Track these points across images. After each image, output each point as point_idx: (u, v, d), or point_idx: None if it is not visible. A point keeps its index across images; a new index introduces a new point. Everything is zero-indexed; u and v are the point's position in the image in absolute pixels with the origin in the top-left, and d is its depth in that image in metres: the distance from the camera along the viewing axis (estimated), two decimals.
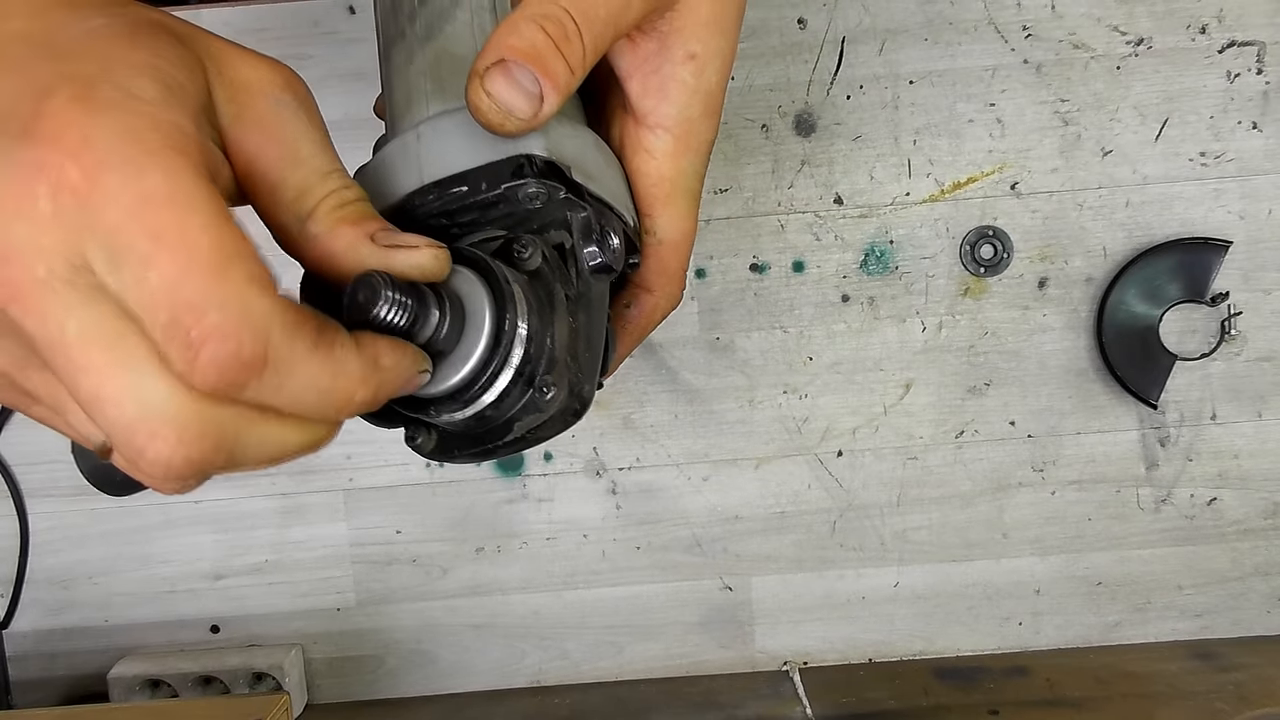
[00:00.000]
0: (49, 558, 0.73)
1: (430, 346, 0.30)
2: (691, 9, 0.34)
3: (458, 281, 0.30)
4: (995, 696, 0.68)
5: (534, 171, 0.31)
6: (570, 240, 0.32)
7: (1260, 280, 0.70)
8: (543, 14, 0.30)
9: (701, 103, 0.35)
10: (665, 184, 0.36)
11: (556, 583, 0.73)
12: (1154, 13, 0.68)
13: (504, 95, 0.30)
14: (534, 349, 0.30)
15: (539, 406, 0.31)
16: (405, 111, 0.34)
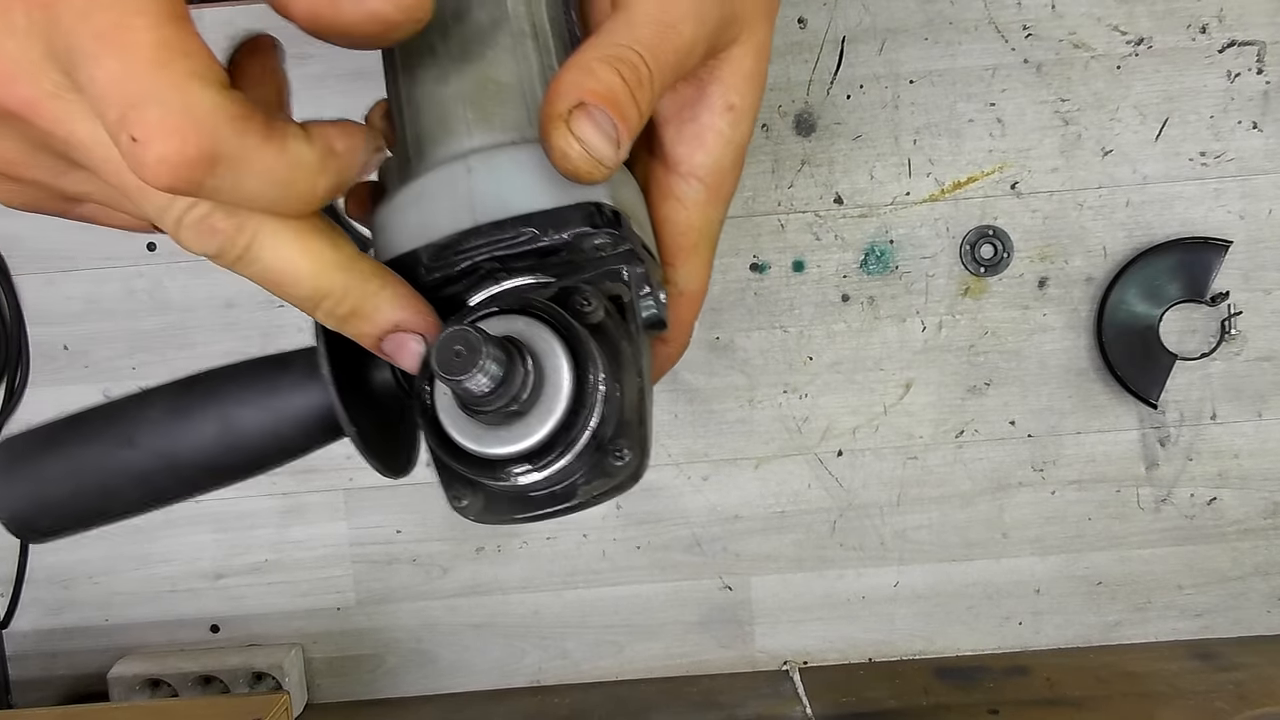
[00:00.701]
0: (49, 557, 0.73)
1: (509, 406, 0.28)
2: (737, 60, 0.33)
3: (534, 338, 0.29)
4: (995, 696, 0.68)
5: (603, 221, 0.30)
6: (628, 293, 0.31)
7: (1260, 280, 0.70)
8: (617, 56, 0.29)
9: (734, 154, 0.34)
10: (693, 234, 0.35)
11: (556, 582, 0.73)
12: (1154, 12, 0.68)
13: (595, 142, 0.28)
14: (608, 410, 0.28)
15: (608, 471, 0.29)
16: (440, 137, 0.32)
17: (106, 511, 0.32)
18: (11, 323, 0.71)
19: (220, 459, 0.32)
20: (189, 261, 0.71)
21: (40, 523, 0.32)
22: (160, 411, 0.32)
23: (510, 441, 0.28)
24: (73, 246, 0.71)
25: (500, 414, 0.28)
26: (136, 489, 0.32)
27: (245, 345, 0.72)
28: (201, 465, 0.32)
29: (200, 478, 0.32)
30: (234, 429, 0.32)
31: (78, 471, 0.31)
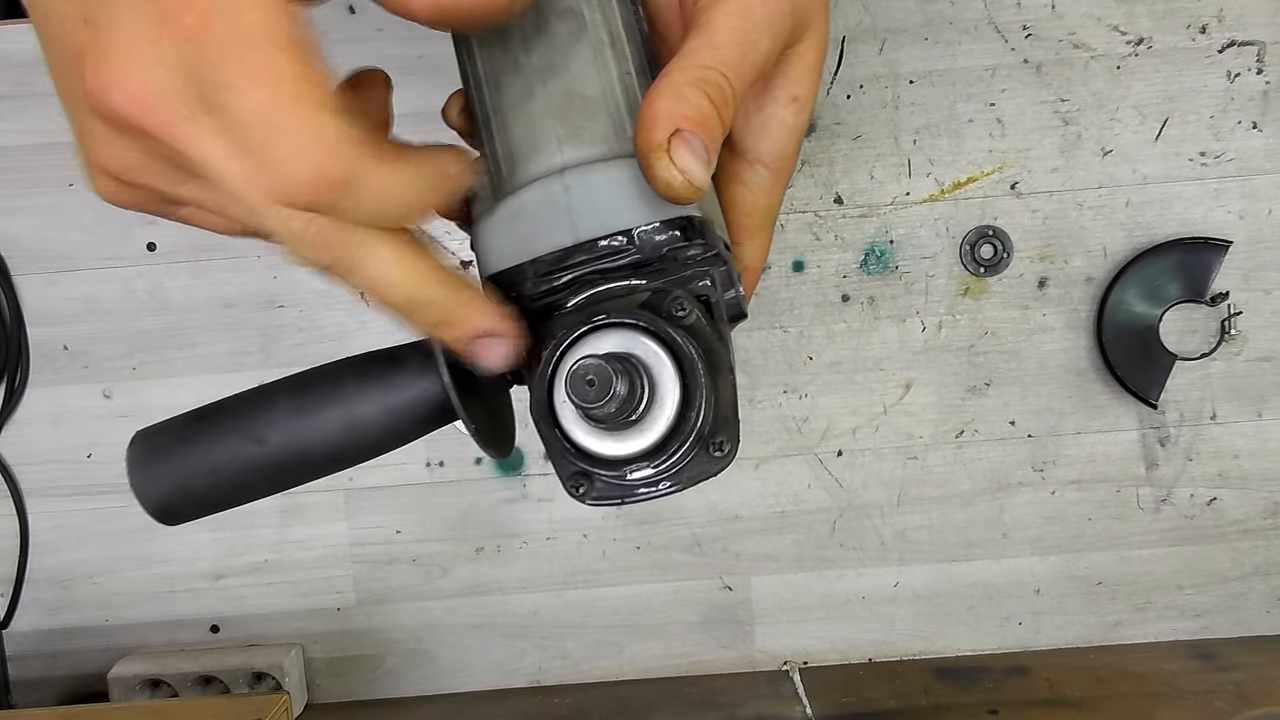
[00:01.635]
0: (49, 558, 0.73)
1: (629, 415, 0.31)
2: (801, 55, 0.35)
3: (640, 349, 0.32)
4: (995, 696, 0.68)
5: (695, 233, 0.32)
6: (715, 293, 0.33)
7: (1260, 280, 0.70)
8: (704, 79, 0.31)
9: (797, 141, 0.36)
10: (758, 215, 0.37)
11: (556, 582, 0.73)
12: (1154, 12, 0.68)
13: (694, 169, 0.30)
14: (709, 410, 0.31)
15: (709, 462, 0.32)
16: (530, 152, 0.34)
17: (238, 499, 0.36)
18: (11, 323, 0.71)
19: (342, 449, 0.35)
20: (188, 262, 0.71)
21: (182, 510, 0.35)
22: (285, 410, 0.35)
23: (628, 445, 0.32)
24: (73, 247, 0.71)
25: (618, 423, 0.31)
26: (266, 479, 0.35)
27: (245, 345, 0.72)
28: (326, 455, 0.35)
29: (324, 465, 0.35)
30: (355, 421, 0.34)
31: (213, 466, 0.34)
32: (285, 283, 0.71)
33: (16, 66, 0.69)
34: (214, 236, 0.75)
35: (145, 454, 0.35)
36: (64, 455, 0.72)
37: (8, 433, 0.72)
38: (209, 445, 0.35)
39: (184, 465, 0.35)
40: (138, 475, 0.34)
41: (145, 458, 0.35)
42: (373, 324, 0.71)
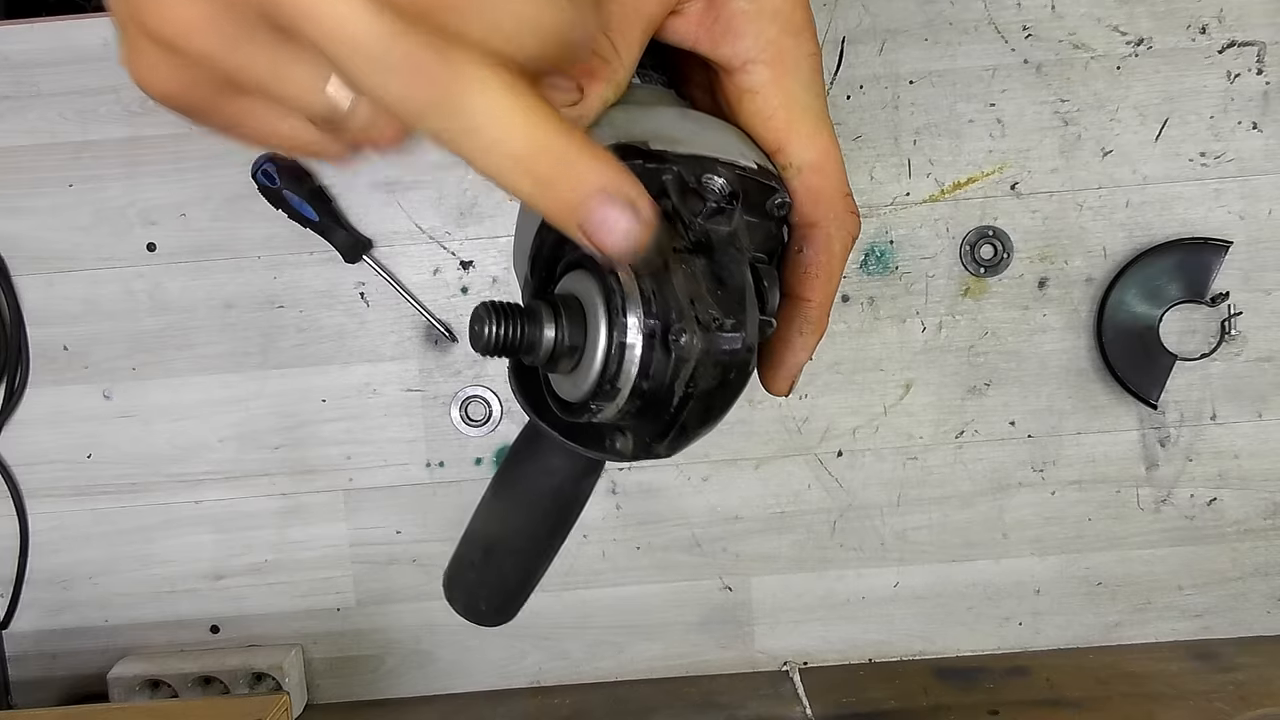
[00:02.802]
0: (49, 558, 0.73)
1: (561, 351, 0.31)
2: None
3: (576, 285, 0.31)
4: (995, 696, 0.68)
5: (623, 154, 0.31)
6: (669, 202, 0.32)
7: (1260, 280, 0.70)
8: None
9: (774, 22, 0.34)
10: (780, 112, 0.35)
11: (556, 583, 0.73)
12: (1154, 13, 0.68)
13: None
14: (655, 308, 0.30)
15: (681, 354, 0.30)
16: None
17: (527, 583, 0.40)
18: (11, 323, 0.71)
19: (546, 517, 0.38)
20: (188, 262, 0.71)
21: (500, 615, 0.40)
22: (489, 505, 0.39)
23: (586, 377, 0.31)
24: (73, 247, 0.71)
25: (566, 359, 0.31)
26: (511, 565, 0.39)
27: (245, 345, 0.72)
28: (541, 528, 0.38)
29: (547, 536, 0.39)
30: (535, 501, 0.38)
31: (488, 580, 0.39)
32: (285, 283, 0.71)
33: (16, 67, 0.69)
34: (214, 236, 0.75)
35: (448, 589, 0.40)
36: (64, 455, 0.72)
37: (8, 433, 0.72)
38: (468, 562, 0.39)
39: (463, 586, 0.40)
40: (456, 606, 0.40)
41: (455, 599, 0.40)
42: (373, 324, 0.71)
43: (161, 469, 0.72)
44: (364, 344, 0.72)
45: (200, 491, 0.73)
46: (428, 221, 0.71)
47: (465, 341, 0.71)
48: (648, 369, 0.30)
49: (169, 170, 0.70)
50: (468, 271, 0.71)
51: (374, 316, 0.71)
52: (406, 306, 0.71)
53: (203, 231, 0.71)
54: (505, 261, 0.71)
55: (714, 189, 0.33)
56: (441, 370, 0.72)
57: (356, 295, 0.71)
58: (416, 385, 0.72)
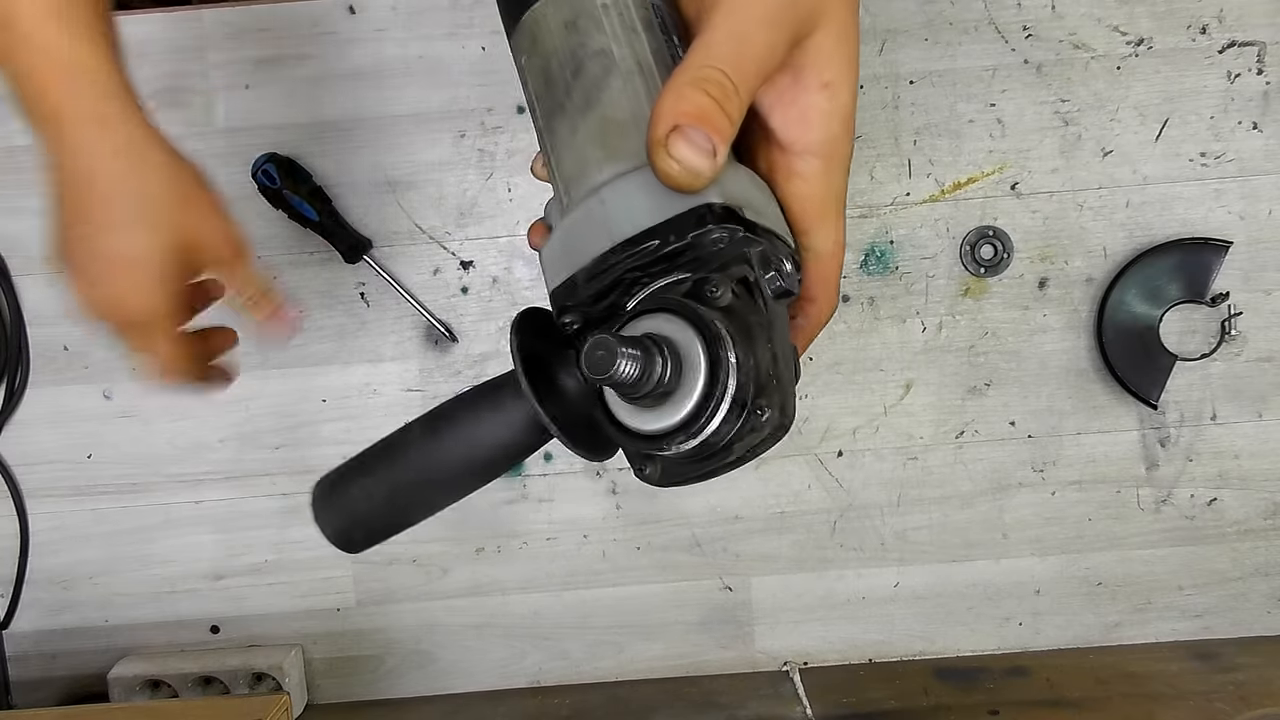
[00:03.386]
0: (49, 558, 0.73)
1: (657, 390, 0.33)
2: (819, 44, 0.36)
3: (670, 329, 0.34)
4: (995, 696, 0.68)
5: (714, 219, 0.34)
6: (753, 273, 0.35)
7: (1260, 280, 0.69)
8: (703, 77, 0.34)
9: (839, 123, 0.38)
10: (818, 203, 0.38)
11: (557, 583, 0.73)
12: (1154, 13, 0.68)
13: (690, 159, 0.33)
14: (744, 377, 0.33)
15: (755, 427, 0.34)
16: (578, 178, 0.37)
17: (398, 522, 0.40)
18: (11, 323, 0.71)
19: (468, 469, 0.39)
20: None
21: (354, 535, 0.40)
22: (421, 440, 0.39)
23: (665, 418, 0.34)
24: None
25: (653, 398, 0.33)
26: (416, 502, 0.40)
27: (244, 346, 0.71)
28: (456, 476, 0.39)
29: (458, 484, 0.40)
30: (475, 444, 0.39)
31: (371, 495, 0.40)
32: (285, 283, 0.71)
33: None
34: None
35: (321, 494, 0.40)
36: (64, 455, 0.72)
37: (8, 433, 0.72)
38: (365, 479, 0.40)
39: (347, 500, 0.40)
40: (318, 512, 0.40)
41: (321, 497, 0.40)
42: (373, 324, 0.71)
43: (162, 469, 0.72)
44: (364, 344, 0.72)
45: (200, 491, 0.73)
46: (428, 221, 0.71)
47: (465, 342, 0.71)
48: (723, 427, 0.34)
49: None
50: (468, 271, 0.71)
51: (374, 316, 0.71)
52: (407, 307, 0.71)
53: None
54: (505, 261, 0.71)
55: (786, 271, 0.36)
56: (441, 370, 0.72)
57: (356, 295, 0.71)
58: (416, 385, 0.72)
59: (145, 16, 0.69)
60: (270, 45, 0.69)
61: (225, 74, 0.69)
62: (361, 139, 0.70)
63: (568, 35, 0.38)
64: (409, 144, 0.70)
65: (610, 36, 0.37)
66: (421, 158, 0.70)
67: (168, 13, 0.69)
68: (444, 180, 0.70)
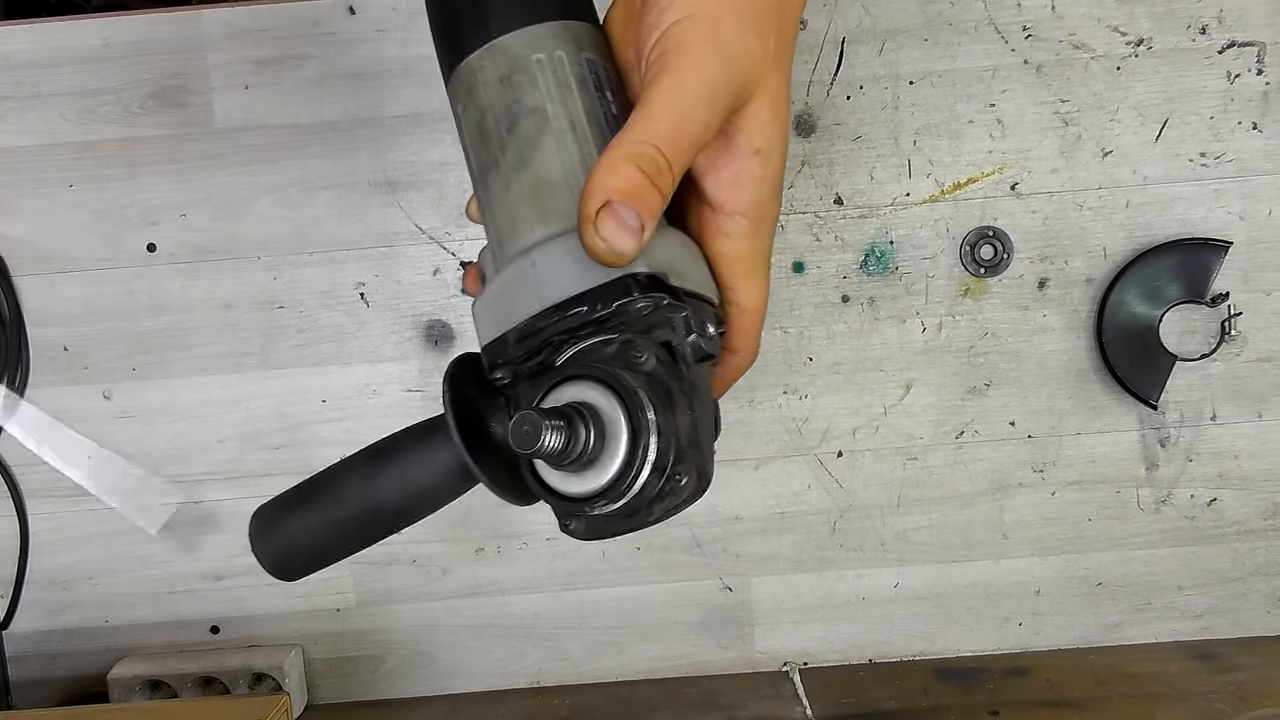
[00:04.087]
0: (49, 558, 0.73)
1: (581, 458, 0.34)
2: (754, 112, 0.37)
3: (593, 397, 0.35)
4: (995, 697, 0.68)
5: (639, 288, 0.35)
6: (675, 338, 0.36)
7: (1260, 281, 0.70)
8: (637, 153, 0.35)
9: (769, 187, 0.39)
10: (745, 262, 0.40)
11: (557, 583, 0.73)
12: (1154, 13, 0.68)
13: (615, 238, 0.34)
14: (663, 443, 0.35)
15: (675, 492, 0.35)
16: (511, 235, 0.38)
17: (336, 553, 0.41)
18: (11, 324, 0.71)
19: (406, 507, 0.40)
20: (188, 263, 0.71)
21: (292, 566, 0.41)
22: (358, 477, 0.40)
23: (589, 483, 0.35)
24: (72, 248, 0.71)
25: (577, 465, 0.35)
26: (351, 535, 0.41)
27: (245, 346, 0.72)
28: (392, 511, 0.40)
29: (395, 520, 0.40)
30: (409, 483, 0.40)
31: (309, 528, 0.41)
32: (285, 283, 0.71)
33: (16, 67, 0.69)
34: (213, 236, 0.76)
35: (259, 525, 0.41)
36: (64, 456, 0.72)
37: (8, 433, 0.72)
38: (305, 511, 0.41)
39: (286, 531, 0.41)
40: (256, 543, 0.41)
41: (259, 528, 0.41)
42: (373, 324, 0.71)
43: (161, 469, 0.72)
44: (364, 344, 0.72)
45: (200, 492, 0.73)
46: (428, 222, 0.71)
47: (465, 341, 0.71)
48: (643, 492, 0.35)
49: (169, 170, 0.70)
50: (464, 273, 0.71)
51: (374, 317, 0.71)
52: (407, 307, 0.71)
53: (203, 231, 0.71)
54: None
55: (708, 335, 0.37)
56: (441, 370, 0.72)
57: (356, 295, 0.71)
58: (416, 385, 0.72)
59: (145, 16, 0.69)
60: (270, 45, 0.69)
61: (225, 74, 0.69)
62: (361, 139, 0.70)
63: (503, 90, 0.38)
64: (409, 144, 0.70)
65: (545, 94, 0.38)
66: (421, 158, 0.70)
67: (168, 13, 0.69)
68: (444, 180, 0.70)
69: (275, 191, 0.70)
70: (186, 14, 0.69)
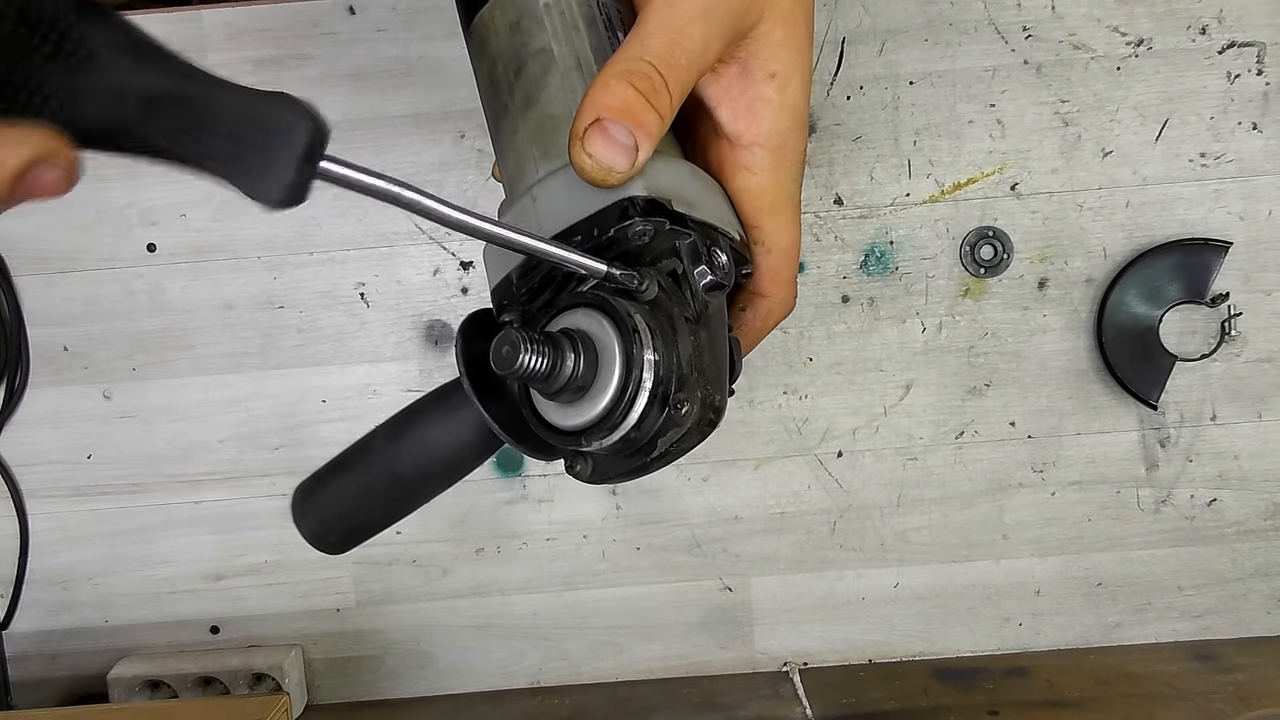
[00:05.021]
0: (49, 558, 0.73)
1: (572, 384, 0.33)
2: (765, 34, 0.36)
3: (586, 323, 0.34)
4: (995, 697, 0.68)
5: (638, 211, 0.34)
6: (681, 266, 0.35)
7: (1260, 281, 0.69)
8: (629, 70, 0.33)
9: (790, 116, 0.37)
10: (768, 196, 0.38)
11: (557, 583, 0.73)
12: (1154, 13, 0.68)
13: (603, 154, 0.32)
14: (663, 371, 0.33)
15: (676, 422, 0.33)
16: (519, 177, 0.37)
17: (369, 524, 0.41)
18: (11, 324, 0.71)
19: (429, 472, 0.39)
20: (188, 263, 0.71)
21: (329, 537, 0.40)
22: (383, 447, 0.40)
23: (584, 414, 0.33)
24: (73, 247, 0.71)
25: (570, 392, 0.33)
26: (379, 503, 0.40)
27: (245, 345, 0.72)
28: (417, 476, 0.39)
29: (418, 485, 0.39)
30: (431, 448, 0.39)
31: (339, 498, 0.40)
32: (285, 283, 0.71)
33: None
34: (213, 236, 0.76)
35: (297, 498, 0.41)
36: (64, 456, 0.72)
37: (8, 433, 0.72)
38: (339, 483, 0.40)
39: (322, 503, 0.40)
40: (296, 515, 0.41)
41: (297, 501, 0.41)
42: (373, 324, 0.71)
43: (161, 469, 0.72)
44: (364, 344, 0.72)
45: (200, 492, 0.73)
46: (427, 222, 0.71)
47: None
48: (643, 422, 0.33)
49: (169, 170, 0.70)
50: (468, 272, 0.71)
51: (374, 317, 0.71)
52: (407, 307, 0.71)
53: (203, 231, 0.71)
54: None
55: (720, 264, 0.35)
56: (441, 370, 0.72)
57: (356, 295, 0.71)
58: (416, 385, 0.72)
59: (145, 17, 0.69)
60: (270, 45, 0.69)
61: (225, 74, 0.69)
62: (361, 139, 0.70)
63: (511, 37, 0.38)
64: (409, 144, 0.70)
65: (551, 35, 0.37)
66: (421, 158, 0.70)
67: (168, 13, 0.69)
68: (444, 180, 0.70)
69: None
70: (186, 14, 0.69)
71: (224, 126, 0.29)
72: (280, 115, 0.29)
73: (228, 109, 0.29)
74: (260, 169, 0.29)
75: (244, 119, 0.29)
